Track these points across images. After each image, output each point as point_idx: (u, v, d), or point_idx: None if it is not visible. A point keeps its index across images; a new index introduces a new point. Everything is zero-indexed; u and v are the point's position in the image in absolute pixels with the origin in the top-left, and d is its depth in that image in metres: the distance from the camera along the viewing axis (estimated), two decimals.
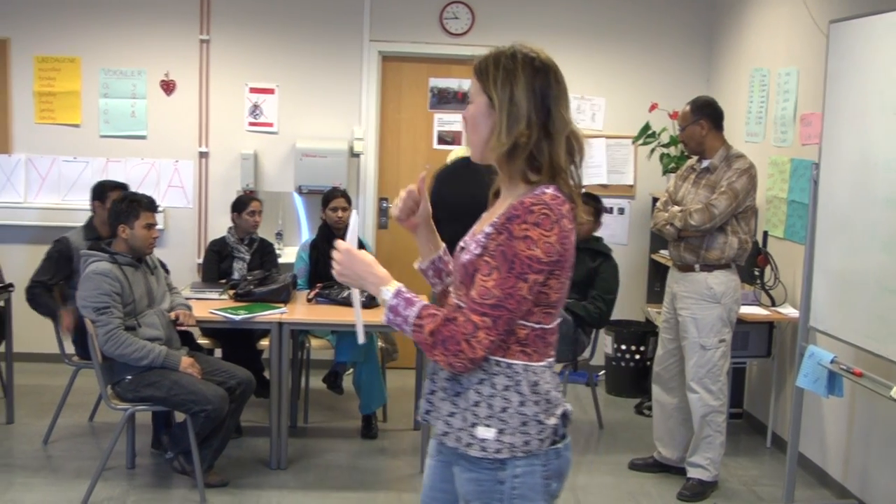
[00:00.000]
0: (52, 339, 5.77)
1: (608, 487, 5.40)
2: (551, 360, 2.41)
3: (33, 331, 6.58)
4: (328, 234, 6.34)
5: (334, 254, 2.40)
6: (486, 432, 2.32)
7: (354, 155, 7.37)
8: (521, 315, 2.27)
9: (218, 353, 6.18)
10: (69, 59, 7.44)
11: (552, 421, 2.35)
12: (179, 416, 5.12)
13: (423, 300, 2.32)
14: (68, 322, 5.39)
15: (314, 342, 6.20)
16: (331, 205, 6.32)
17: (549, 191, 2.28)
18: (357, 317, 2.46)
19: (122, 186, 6.06)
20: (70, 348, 5.78)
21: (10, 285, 5.91)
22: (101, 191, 6.00)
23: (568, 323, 5.83)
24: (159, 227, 5.51)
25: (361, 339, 2.48)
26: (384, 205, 7.32)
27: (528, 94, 2.29)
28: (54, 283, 5.67)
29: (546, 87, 2.31)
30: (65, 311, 5.46)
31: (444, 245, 2.62)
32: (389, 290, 2.33)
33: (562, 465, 2.41)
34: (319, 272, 6.19)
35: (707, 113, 5.18)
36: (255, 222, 6.43)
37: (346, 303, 5.50)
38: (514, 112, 2.28)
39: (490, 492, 2.35)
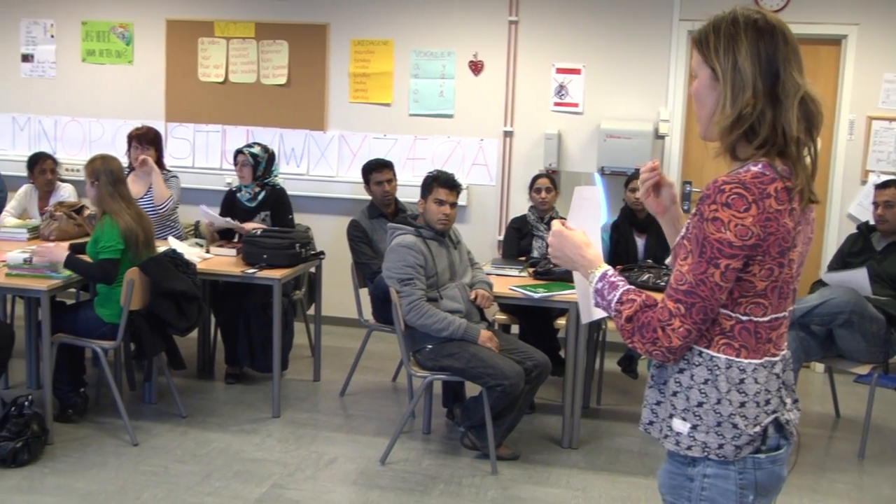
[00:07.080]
0: (355, 304, 6.18)
1: None
2: (773, 358, 2.18)
3: (339, 296, 6.99)
4: (629, 216, 6.29)
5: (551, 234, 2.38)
6: (681, 426, 2.19)
7: (659, 137, 7.21)
8: (715, 303, 2.09)
9: (515, 329, 6.25)
10: (383, 42, 7.75)
11: (754, 428, 2.14)
12: (472, 390, 5.22)
13: (626, 284, 2.22)
14: None
15: (611, 324, 6.13)
16: (631, 185, 6.26)
17: (756, 168, 2.08)
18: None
19: (380, 165, 6.34)
20: (366, 313, 6.13)
21: (322, 253, 6.23)
22: (365, 172, 6.36)
23: (879, 322, 5.43)
24: (462, 203, 5.62)
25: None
26: (687, 188, 7.13)
27: (753, 59, 2.09)
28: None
29: (773, 48, 2.10)
30: None
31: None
32: (596, 273, 2.26)
33: (763, 478, 2.18)
34: (619, 254, 6.14)
35: None
36: (542, 199, 6.48)
37: (648, 286, 5.41)
38: (738, 80, 2.10)
39: (680, 487, 2.24)
